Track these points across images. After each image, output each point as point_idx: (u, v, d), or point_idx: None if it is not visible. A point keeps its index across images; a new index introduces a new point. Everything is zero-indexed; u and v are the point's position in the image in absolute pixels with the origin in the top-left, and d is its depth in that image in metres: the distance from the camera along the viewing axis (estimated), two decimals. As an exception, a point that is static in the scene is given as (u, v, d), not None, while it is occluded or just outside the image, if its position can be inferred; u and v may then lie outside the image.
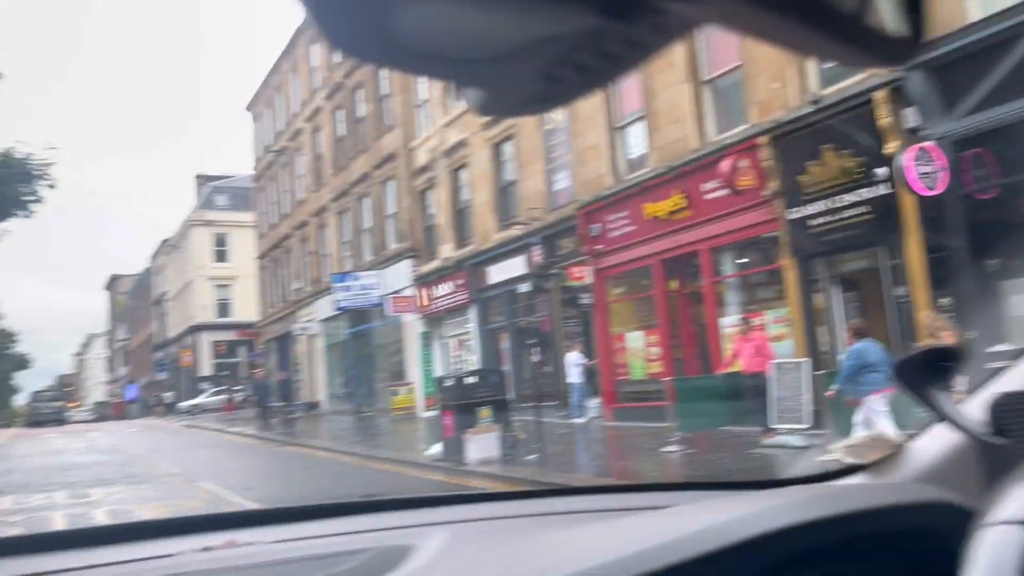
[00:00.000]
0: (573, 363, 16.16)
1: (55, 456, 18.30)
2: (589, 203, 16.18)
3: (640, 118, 15.38)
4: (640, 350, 15.51)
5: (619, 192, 15.52)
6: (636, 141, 15.74)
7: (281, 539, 1.39)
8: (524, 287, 18.89)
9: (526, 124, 18.61)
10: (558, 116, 17.31)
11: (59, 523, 8.70)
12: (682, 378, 13.35)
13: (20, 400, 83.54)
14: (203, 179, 56.76)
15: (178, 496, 10.46)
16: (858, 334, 9.32)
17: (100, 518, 8.91)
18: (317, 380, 32.09)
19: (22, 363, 73.99)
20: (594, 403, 16.17)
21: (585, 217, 16.20)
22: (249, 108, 41.10)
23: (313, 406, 30.59)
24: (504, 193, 20.18)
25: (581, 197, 16.64)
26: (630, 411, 15.00)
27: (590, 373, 16.20)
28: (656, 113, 14.83)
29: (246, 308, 45.81)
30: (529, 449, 12.29)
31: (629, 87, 15.11)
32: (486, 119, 20.05)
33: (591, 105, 16.32)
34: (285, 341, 36.02)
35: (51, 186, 13.39)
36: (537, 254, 17.54)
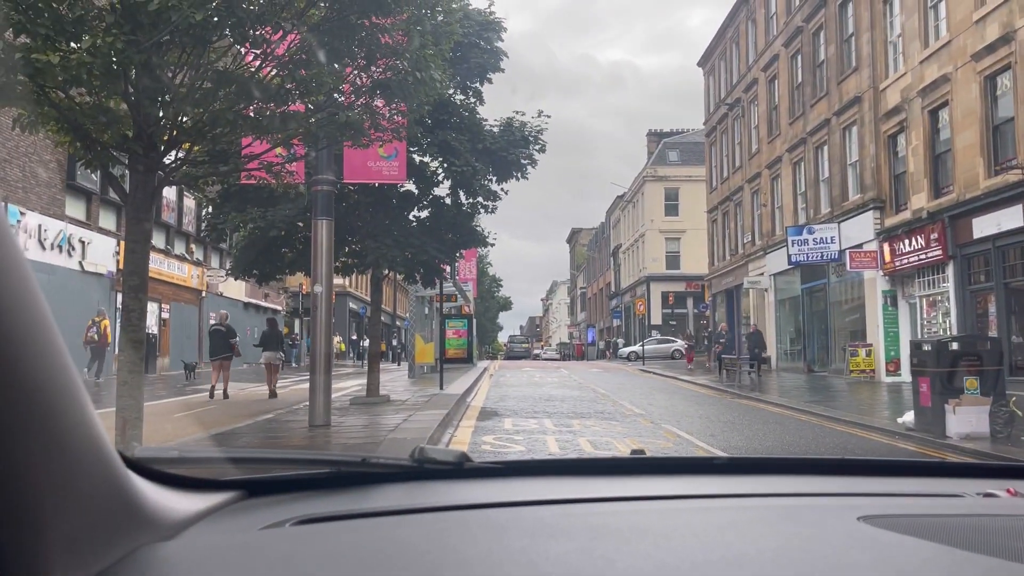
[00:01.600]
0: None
1: (537, 388, 21.00)
2: (1120, 139, 13.18)
3: None
4: None
5: None
6: None
7: None
8: (1021, 242, 16.23)
9: (1032, 49, 15.76)
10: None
11: (553, 446, 10.00)
12: None
13: (502, 337, 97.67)
14: (655, 136, 59.23)
15: (647, 435, 11.25)
16: None
17: (584, 446, 10.03)
18: (768, 336, 31.69)
19: (506, 305, 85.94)
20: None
21: (1113, 157, 13.25)
22: (700, 64, 41.53)
23: (764, 361, 30.31)
24: (997, 133, 17.44)
25: (1108, 133, 13.63)
26: None
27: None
28: None
29: (695, 261, 47.05)
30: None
31: None
32: (977, 48, 17.47)
33: None
34: (734, 294, 36.20)
35: (542, 150, 15.12)
36: (1041, 203, 14.88)
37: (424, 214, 16.29)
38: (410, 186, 15.79)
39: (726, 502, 1.33)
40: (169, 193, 27.59)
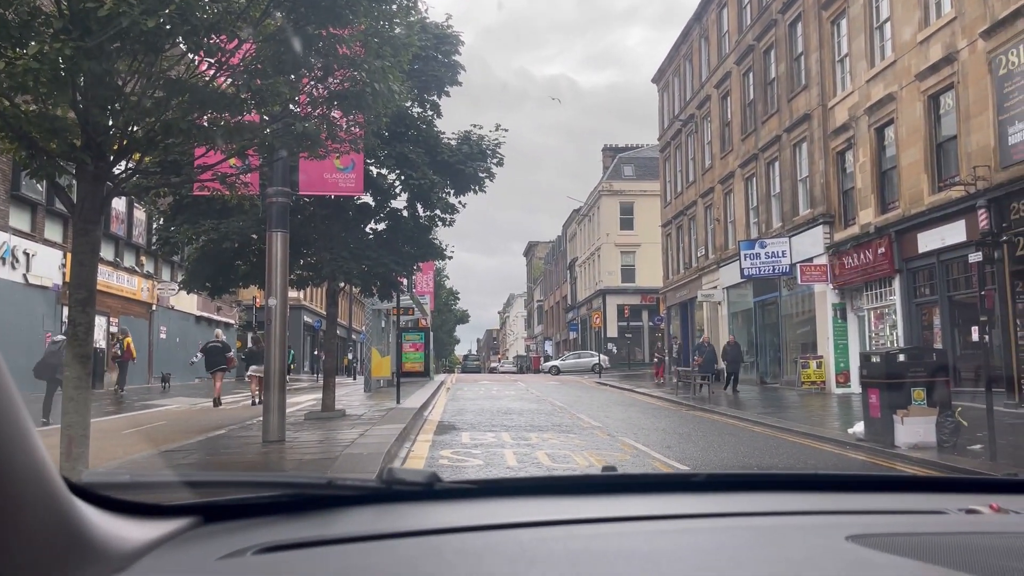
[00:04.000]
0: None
1: (494, 401, 20.94)
2: (1057, 158, 13.68)
3: None
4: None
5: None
6: None
7: None
8: (963, 256, 16.68)
9: (973, 71, 16.31)
10: (1017, 58, 14.86)
11: (511, 459, 9.96)
12: None
13: (460, 350, 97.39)
14: (610, 150, 59.84)
15: (605, 448, 11.27)
16: None
17: (542, 459, 10.01)
18: (719, 348, 32.08)
19: (463, 318, 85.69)
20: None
21: (1050, 175, 13.74)
22: (655, 80, 42.11)
23: (716, 374, 30.61)
24: (941, 150, 17.98)
25: (1045, 151, 14.13)
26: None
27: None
28: None
29: (650, 274, 47.54)
30: (974, 438, 10.96)
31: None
32: (921, 68, 18.01)
33: (1064, 40, 13.76)
34: (688, 307, 36.62)
35: (500, 163, 15.14)
36: (983, 218, 15.33)
37: (381, 226, 16.19)
38: (367, 198, 15.67)
39: (709, 522, 1.31)
40: (119, 204, 26.97)
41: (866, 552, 1.07)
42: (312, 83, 8.45)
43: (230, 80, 7.45)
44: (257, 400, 17.88)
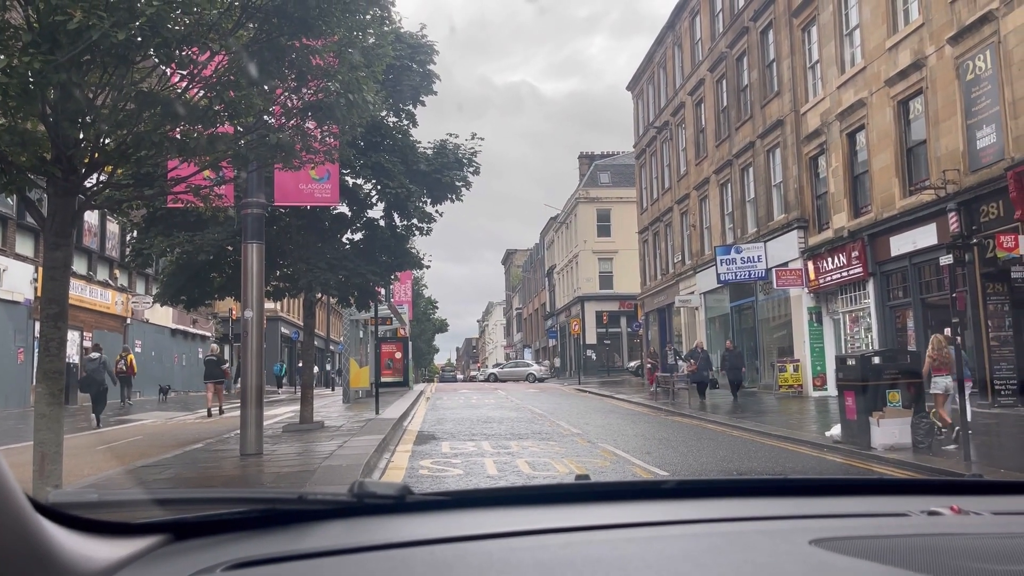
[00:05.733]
0: None
1: (474, 410, 20.90)
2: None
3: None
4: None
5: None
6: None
7: (1000, 510, 1.42)
8: (935, 259, 16.91)
9: (941, 76, 16.58)
10: (984, 63, 15.13)
11: (491, 468, 9.94)
12: None
13: (439, 359, 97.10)
14: (586, 158, 60.07)
15: (585, 455, 11.29)
16: None
17: (523, 467, 10.00)
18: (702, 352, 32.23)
19: (442, 327, 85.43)
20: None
21: (1017, 178, 14.00)
22: (630, 88, 42.39)
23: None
24: (911, 155, 18.25)
25: (1012, 155, 14.40)
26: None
27: None
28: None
29: (628, 280, 47.75)
30: (948, 438, 11.11)
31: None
32: (890, 74, 18.27)
33: (1028, 46, 14.04)
34: (666, 313, 36.80)
35: (476, 172, 15.15)
36: (953, 221, 15.59)
37: (358, 236, 16.13)
38: (343, 208, 15.62)
39: (676, 529, 1.32)
40: (91, 217, 26.66)
41: (828, 556, 1.09)
42: (286, 94, 8.43)
43: (203, 92, 7.40)
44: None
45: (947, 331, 11.00)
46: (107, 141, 7.30)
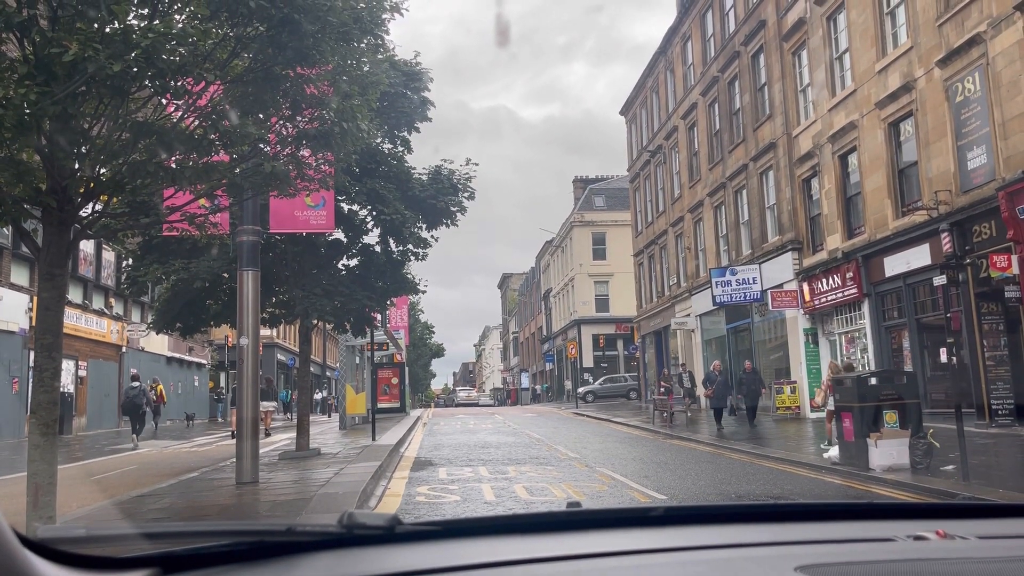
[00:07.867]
0: None
1: (471, 435, 20.81)
2: (1015, 182, 14.03)
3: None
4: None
5: (1055, 166, 13.23)
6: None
7: (986, 534, 1.42)
8: (929, 279, 16.99)
9: (931, 98, 16.75)
10: (973, 85, 15.29)
11: (489, 494, 9.89)
12: None
13: (435, 384, 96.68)
14: (581, 182, 60.36)
15: (583, 479, 11.23)
16: None
17: (520, 493, 9.94)
18: (695, 375, 32.20)
19: (438, 351, 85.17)
20: None
21: (1009, 198, 14.09)
22: (623, 112, 42.70)
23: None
24: (903, 176, 18.38)
25: (1003, 175, 14.52)
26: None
27: None
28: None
29: (624, 303, 47.77)
30: (946, 459, 11.08)
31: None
32: (880, 97, 18.44)
33: (1015, 69, 14.19)
34: (662, 335, 36.79)
35: (471, 197, 15.21)
36: (946, 242, 15.65)
37: (353, 262, 16.15)
38: (339, 235, 15.65)
39: (665, 557, 1.32)
40: (87, 246, 26.68)
41: None
42: (281, 123, 8.48)
43: (198, 122, 7.45)
44: (267, 432, 21.20)
45: (843, 358, 10.96)
46: (102, 171, 7.33)
